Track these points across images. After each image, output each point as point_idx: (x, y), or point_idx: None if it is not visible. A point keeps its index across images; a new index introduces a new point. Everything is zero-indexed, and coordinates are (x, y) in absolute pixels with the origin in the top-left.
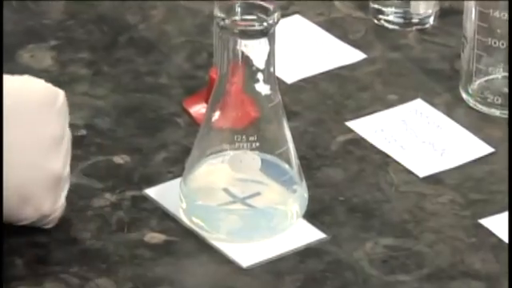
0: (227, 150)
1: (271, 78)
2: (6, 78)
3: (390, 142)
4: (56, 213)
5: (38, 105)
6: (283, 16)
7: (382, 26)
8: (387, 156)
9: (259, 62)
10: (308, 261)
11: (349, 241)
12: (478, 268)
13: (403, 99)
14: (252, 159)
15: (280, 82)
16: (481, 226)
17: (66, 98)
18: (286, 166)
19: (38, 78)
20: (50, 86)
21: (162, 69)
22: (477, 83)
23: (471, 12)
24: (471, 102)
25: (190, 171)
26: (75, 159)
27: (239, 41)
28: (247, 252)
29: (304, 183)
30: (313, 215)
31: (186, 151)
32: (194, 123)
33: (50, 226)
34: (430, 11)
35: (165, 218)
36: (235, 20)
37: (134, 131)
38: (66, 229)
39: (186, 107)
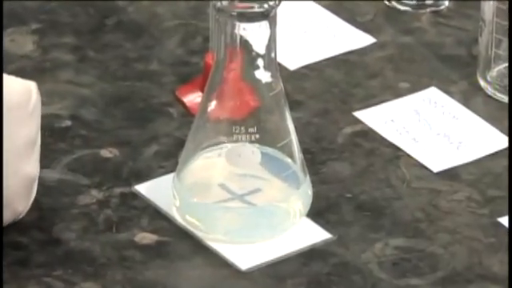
0: (224, 142)
1: (272, 65)
2: None
3: (401, 133)
4: (26, 209)
5: (11, 106)
6: None
7: (394, 8)
8: (398, 149)
9: (259, 46)
10: (312, 263)
11: (356, 241)
12: (497, 270)
13: (416, 87)
14: (251, 152)
15: (282, 68)
16: (500, 224)
17: (49, 85)
18: (289, 160)
19: (9, 76)
20: (21, 82)
21: (153, 54)
22: (496, 70)
23: None
24: (490, 91)
25: (183, 166)
26: (58, 153)
27: (237, 24)
28: (246, 254)
29: (308, 179)
30: (317, 213)
31: (180, 144)
32: (188, 114)
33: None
34: None
35: (156, 216)
36: (233, 1)
37: (122, 122)
38: (48, 229)
39: (180, 96)
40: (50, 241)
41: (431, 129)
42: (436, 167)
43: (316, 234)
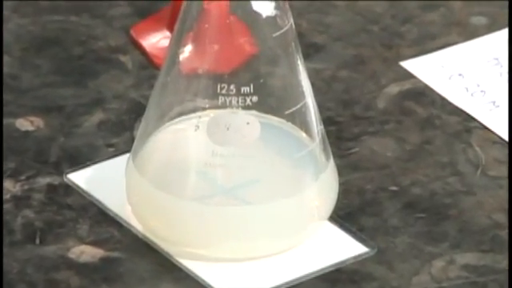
0: (205, 108)
1: None
2: None
3: (473, 94)
4: None
5: None
6: None
7: None
8: (470, 118)
9: None
10: None
11: (406, 257)
12: None
13: (495, 24)
14: (246, 124)
15: None
16: None
17: None
18: (303, 135)
19: None
20: None
21: None
22: None
23: None
24: None
25: (143, 144)
26: None
27: None
28: (237, 276)
29: (332, 163)
30: (347, 216)
31: (137, 110)
32: (148, 64)
33: None
34: None
35: (102, 220)
36: None
37: (49, 78)
38: None
39: (137, 38)
40: None
41: None
42: None
43: (345, 247)
